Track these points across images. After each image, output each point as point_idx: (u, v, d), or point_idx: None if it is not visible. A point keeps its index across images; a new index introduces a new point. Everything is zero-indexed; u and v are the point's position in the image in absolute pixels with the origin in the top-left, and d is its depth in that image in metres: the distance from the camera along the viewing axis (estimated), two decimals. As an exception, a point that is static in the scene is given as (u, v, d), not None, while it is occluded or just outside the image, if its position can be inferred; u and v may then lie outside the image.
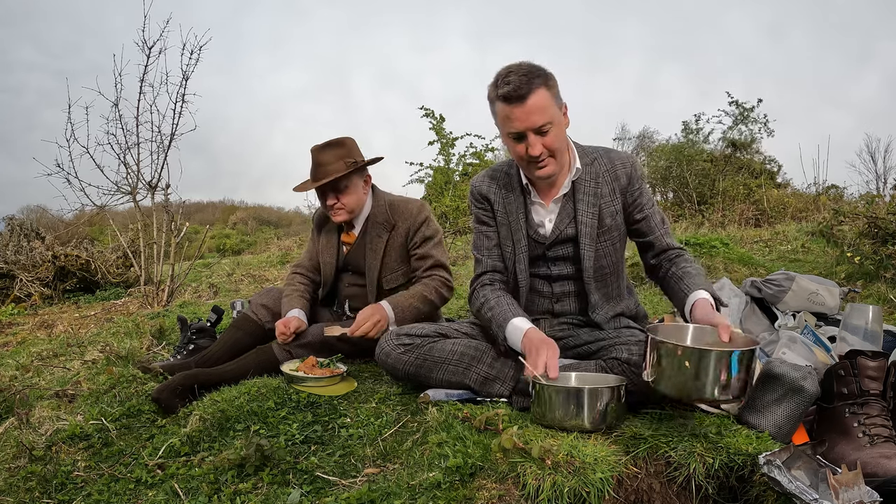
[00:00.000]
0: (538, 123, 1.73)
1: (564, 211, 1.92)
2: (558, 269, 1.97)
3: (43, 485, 1.77)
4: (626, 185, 1.90)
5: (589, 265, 1.90)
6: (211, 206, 23.54)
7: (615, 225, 1.92)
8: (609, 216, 1.91)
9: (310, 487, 1.56)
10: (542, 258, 1.98)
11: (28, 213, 10.80)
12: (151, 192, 5.17)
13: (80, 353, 3.23)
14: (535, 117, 1.72)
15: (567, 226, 1.92)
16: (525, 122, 1.73)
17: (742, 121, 10.70)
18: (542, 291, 2.01)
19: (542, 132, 1.74)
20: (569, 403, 1.59)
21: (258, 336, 2.48)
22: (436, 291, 2.43)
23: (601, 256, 1.92)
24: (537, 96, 1.71)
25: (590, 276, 1.91)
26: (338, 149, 2.46)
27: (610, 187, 1.90)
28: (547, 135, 1.75)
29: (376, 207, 2.55)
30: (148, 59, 5.04)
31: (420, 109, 8.10)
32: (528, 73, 1.71)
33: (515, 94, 1.70)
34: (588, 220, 1.89)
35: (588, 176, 1.91)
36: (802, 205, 8.67)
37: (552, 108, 1.74)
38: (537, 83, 1.71)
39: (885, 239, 3.62)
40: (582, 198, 1.90)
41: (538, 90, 1.71)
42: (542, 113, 1.72)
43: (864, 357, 1.59)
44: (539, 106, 1.71)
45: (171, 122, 5.10)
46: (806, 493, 1.31)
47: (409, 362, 1.97)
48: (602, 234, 1.91)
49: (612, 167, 1.91)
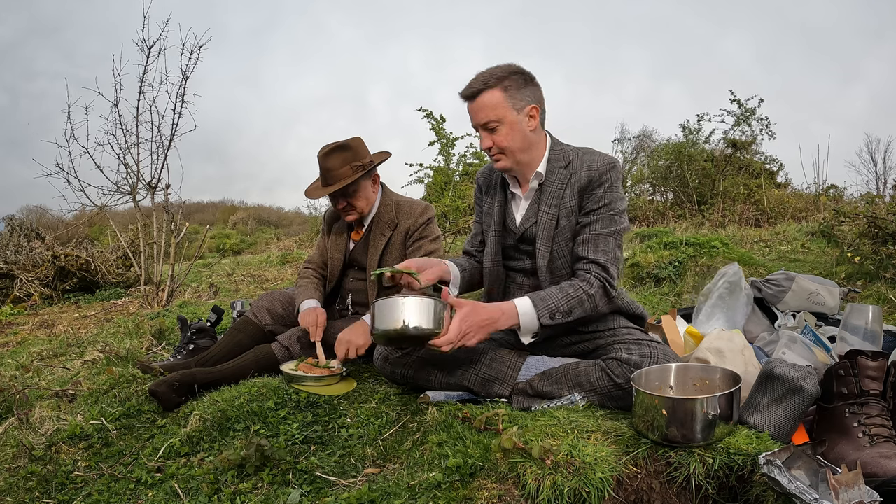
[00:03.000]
0: (483, 121, 1.87)
1: (531, 210, 1.99)
2: (526, 264, 2.03)
3: (43, 485, 1.77)
4: (584, 185, 1.89)
5: (543, 264, 1.94)
6: (211, 206, 23.52)
7: (570, 225, 1.92)
8: (565, 216, 1.92)
9: (310, 487, 1.56)
10: (515, 249, 2.04)
11: (28, 213, 10.80)
12: (151, 192, 5.17)
13: (80, 353, 3.23)
14: (480, 114, 1.87)
15: (531, 225, 1.98)
16: (474, 118, 1.90)
17: (744, 120, 10.69)
18: (520, 284, 2.05)
19: (489, 129, 1.88)
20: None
21: (259, 339, 2.48)
22: None
23: (556, 257, 1.94)
24: (487, 96, 1.85)
25: (544, 275, 1.94)
26: (344, 152, 2.45)
27: (571, 188, 1.92)
28: (495, 132, 1.88)
29: (383, 206, 2.57)
30: (147, 59, 5.05)
31: (420, 111, 8.10)
32: (486, 76, 1.86)
33: (467, 92, 1.88)
34: (547, 220, 1.94)
35: (557, 178, 1.94)
36: (802, 205, 8.66)
37: (502, 108, 1.86)
38: (490, 84, 1.85)
39: (885, 239, 3.62)
40: (545, 199, 1.95)
41: (490, 91, 1.85)
42: (489, 112, 1.85)
43: (864, 357, 1.59)
44: (486, 105, 1.85)
45: (171, 122, 5.12)
46: (806, 493, 1.31)
47: (408, 365, 1.97)
48: (558, 234, 1.93)
49: (581, 168, 1.92)
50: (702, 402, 1.45)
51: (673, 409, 1.47)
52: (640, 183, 11.88)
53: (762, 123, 10.69)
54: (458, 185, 8.13)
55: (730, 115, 10.84)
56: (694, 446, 1.48)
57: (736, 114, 10.77)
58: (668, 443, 1.50)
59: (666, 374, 1.72)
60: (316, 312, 2.38)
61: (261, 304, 2.57)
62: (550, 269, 1.95)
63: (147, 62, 5.04)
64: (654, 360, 1.73)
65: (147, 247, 5.25)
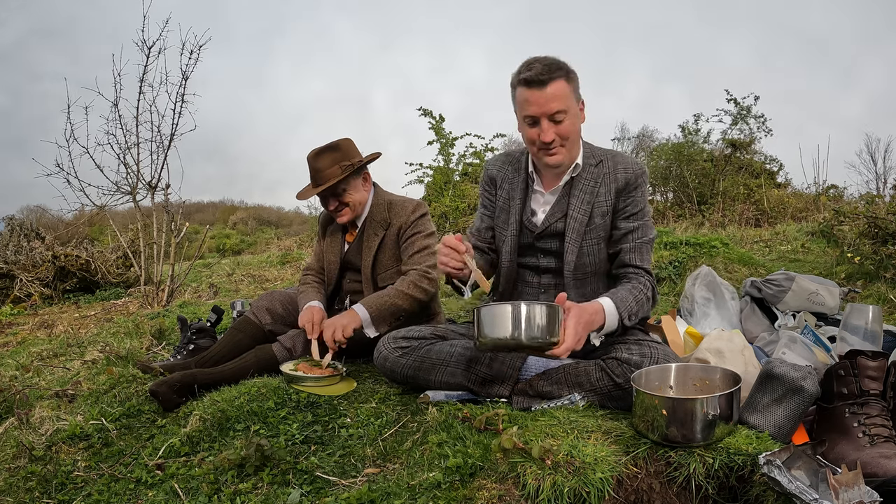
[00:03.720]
0: (553, 110, 1.81)
1: (558, 205, 1.97)
2: (546, 262, 2.01)
3: (43, 485, 1.77)
4: (622, 187, 1.93)
5: (570, 260, 1.93)
6: (211, 206, 23.51)
7: (603, 224, 1.94)
8: (599, 215, 1.94)
9: (310, 487, 1.56)
10: (531, 248, 2.02)
11: (28, 213, 10.79)
12: (151, 192, 5.17)
13: (80, 353, 3.23)
14: (552, 104, 1.80)
15: (557, 220, 1.97)
16: (542, 108, 1.81)
17: (742, 118, 10.68)
18: (529, 282, 2.05)
19: (555, 120, 1.82)
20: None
21: (259, 339, 2.48)
22: (414, 286, 2.38)
23: (584, 254, 1.94)
24: (556, 85, 1.80)
25: (570, 272, 1.94)
26: (333, 153, 2.46)
27: (607, 188, 1.94)
28: (561, 123, 1.83)
29: (375, 206, 2.56)
30: (147, 59, 5.05)
31: (418, 110, 8.10)
32: (551, 65, 1.81)
33: (536, 79, 1.79)
34: (579, 216, 1.93)
35: (589, 175, 1.95)
36: (802, 205, 8.66)
37: (569, 98, 1.83)
38: (558, 74, 1.80)
39: (885, 239, 3.61)
40: (577, 194, 1.94)
41: (558, 80, 1.80)
42: (559, 101, 1.80)
43: (864, 357, 1.59)
44: (556, 94, 1.80)
45: (171, 122, 5.12)
46: (806, 493, 1.31)
47: (407, 365, 1.97)
48: (589, 232, 1.94)
49: (615, 169, 1.95)
50: (702, 402, 1.46)
51: (673, 409, 1.47)
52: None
53: (759, 121, 10.68)
54: (457, 184, 8.13)
55: (727, 114, 10.84)
56: (694, 446, 1.48)
57: (733, 113, 10.76)
58: (668, 443, 1.50)
59: (666, 374, 1.72)
60: (312, 310, 2.38)
61: (261, 304, 2.57)
62: (577, 266, 1.94)
63: (147, 62, 5.05)
64: (654, 360, 1.73)
65: (147, 247, 5.25)
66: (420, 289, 2.40)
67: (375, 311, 2.32)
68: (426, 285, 2.42)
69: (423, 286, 2.41)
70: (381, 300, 2.34)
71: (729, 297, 2.56)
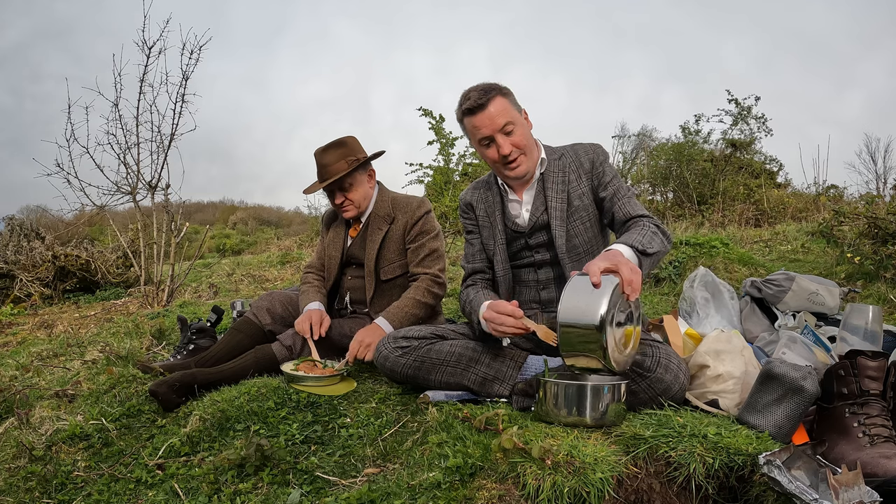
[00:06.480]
0: (501, 124, 1.94)
1: (538, 200, 2.06)
2: (540, 256, 2.07)
3: (43, 485, 1.77)
4: (589, 168, 2.05)
5: (561, 244, 2.00)
6: (211, 206, 23.52)
7: (583, 206, 2.03)
8: (577, 198, 2.03)
9: (310, 487, 1.56)
10: (524, 248, 2.08)
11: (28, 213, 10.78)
12: (151, 192, 5.17)
13: (80, 353, 3.23)
14: (497, 119, 1.93)
15: (541, 213, 2.04)
16: (491, 126, 1.94)
17: (742, 118, 10.67)
18: (527, 281, 2.09)
19: (507, 132, 1.95)
20: (573, 400, 1.62)
21: (259, 339, 2.48)
22: (427, 292, 2.45)
23: (573, 236, 2.02)
24: (496, 102, 1.94)
25: (563, 255, 2.00)
26: (340, 149, 2.53)
27: (576, 174, 2.05)
28: (512, 134, 1.95)
29: (380, 202, 2.61)
30: (148, 59, 5.06)
31: (418, 110, 8.09)
32: (485, 88, 1.96)
33: (477, 104, 1.93)
34: (558, 204, 2.02)
35: (556, 168, 2.06)
36: (802, 205, 8.66)
37: (511, 111, 1.96)
38: (493, 93, 1.94)
39: (885, 239, 3.61)
40: (551, 186, 2.04)
41: (495, 98, 1.94)
42: (503, 115, 1.94)
43: (864, 357, 1.59)
44: (499, 110, 1.93)
45: (171, 122, 5.12)
46: (806, 493, 1.31)
47: (407, 365, 1.97)
48: (571, 215, 2.02)
49: (577, 156, 2.07)
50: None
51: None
52: (639, 183, 11.87)
53: (759, 121, 10.68)
54: (457, 185, 8.12)
55: (727, 114, 10.84)
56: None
57: (734, 113, 10.76)
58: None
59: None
60: (311, 314, 2.40)
61: (261, 304, 2.58)
62: (569, 249, 2.00)
63: (147, 62, 5.05)
64: (656, 359, 1.73)
65: (147, 247, 5.25)
66: (433, 294, 2.46)
67: (398, 323, 2.35)
68: (438, 290, 2.49)
69: (435, 291, 2.47)
70: (401, 312, 2.39)
71: (728, 297, 2.57)
